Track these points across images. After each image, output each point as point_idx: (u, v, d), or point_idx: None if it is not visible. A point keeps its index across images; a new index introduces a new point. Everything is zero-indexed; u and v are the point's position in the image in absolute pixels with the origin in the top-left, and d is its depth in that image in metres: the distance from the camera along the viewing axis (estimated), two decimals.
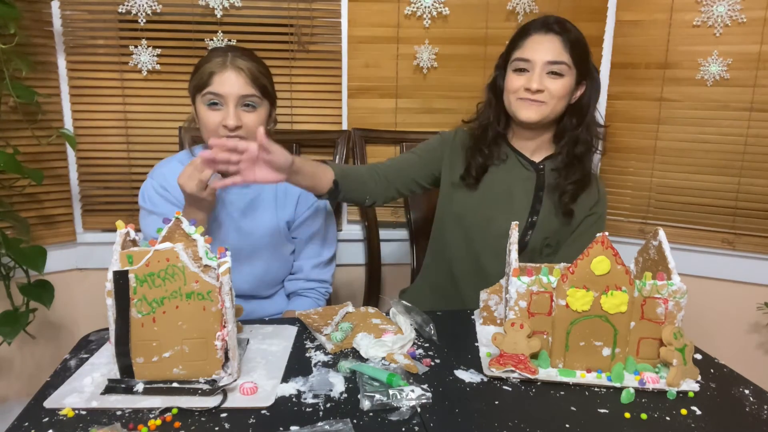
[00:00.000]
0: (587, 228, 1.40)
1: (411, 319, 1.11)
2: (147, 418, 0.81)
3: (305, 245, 1.43)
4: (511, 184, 1.41)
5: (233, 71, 1.25)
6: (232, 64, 1.25)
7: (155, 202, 1.32)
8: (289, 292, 1.45)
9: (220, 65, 1.25)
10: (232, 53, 1.27)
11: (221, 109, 1.25)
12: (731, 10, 1.78)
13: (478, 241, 1.41)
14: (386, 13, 1.86)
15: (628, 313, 0.92)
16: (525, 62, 1.34)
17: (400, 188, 1.43)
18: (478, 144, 1.42)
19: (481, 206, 1.40)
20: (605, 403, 0.88)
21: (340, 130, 1.90)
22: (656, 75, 1.91)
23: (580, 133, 1.38)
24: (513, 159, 1.43)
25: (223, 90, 1.24)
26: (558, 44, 1.33)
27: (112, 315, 0.86)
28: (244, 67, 1.26)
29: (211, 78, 1.25)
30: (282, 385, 0.90)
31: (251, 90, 1.26)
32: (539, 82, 1.32)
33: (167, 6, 1.78)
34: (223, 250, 0.90)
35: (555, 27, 1.34)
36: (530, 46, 1.34)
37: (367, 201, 1.38)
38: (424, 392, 0.87)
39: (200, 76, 1.26)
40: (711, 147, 1.89)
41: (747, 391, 0.93)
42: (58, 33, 1.77)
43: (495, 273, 1.39)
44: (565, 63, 1.32)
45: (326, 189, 1.25)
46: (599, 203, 1.42)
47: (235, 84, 1.24)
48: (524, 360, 0.93)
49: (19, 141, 1.71)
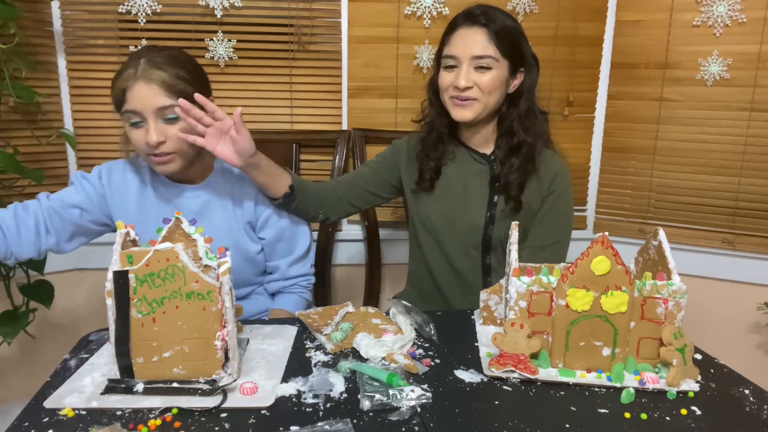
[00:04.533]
0: (549, 208, 1.37)
1: (411, 319, 1.11)
2: (147, 418, 0.81)
3: (275, 244, 1.38)
4: (466, 180, 1.39)
5: (144, 84, 1.14)
6: (143, 76, 1.14)
7: (84, 183, 1.28)
8: (271, 292, 1.43)
9: (131, 79, 1.14)
10: (145, 60, 1.16)
11: (143, 126, 1.17)
12: (731, 10, 1.79)
13: (446, 242, 1.40)
14: (386, 13, 1.86)
15: (628, 313, 0.92)
16: (452, 59, 1.30)
17: (353, 201, 1.43)
18: (426, 146, 1.40)
19: (441, 208, 1.39)
20: (605, 403, 0.88)
21: (340, 130, 1.90)
22: (656, 75, 1.91)
23: (513, 121, 1.34)
24: (464, 154, 1.41)
25: (137, 106, 1.15)
26: (483, 37, 1.28)
27: (112, 315, 0.86)
28: (155, 77, 1.14)
29: (125, 95, 1.15)
30: (282, 385, 0.90)
31: (168, 101, 1.15)
32: (466, 78, 1.28)
33: (167, 6, 1.78)
34: (223, 250, 0.90)
35: (480, 19, 1.28)
36: (455, 42, 1.31)
37: (320, 215, 1.38)
38: (424, 392, 0.87)
39: (115, 94, 1.17)
40: (711, 147, 1.89)
41: (747, 391, 0.93)
42: (58, 33, 1.77)
43: (468, 272, 1.41)
44: (490, 56, 1.27)
45: (281, 192, 1.26)
46: (557, 179, 1.37)
47: (148, 96, 1.14)
48: (524, 360, 0.93)
49: (19, 141, 1.72)
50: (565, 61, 1.95)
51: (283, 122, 1.90)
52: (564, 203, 1.39)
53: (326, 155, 1.90)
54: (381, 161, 1.47)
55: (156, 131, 1.15)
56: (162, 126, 1.17)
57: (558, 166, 1.38)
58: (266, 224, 1.36)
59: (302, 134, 1.90)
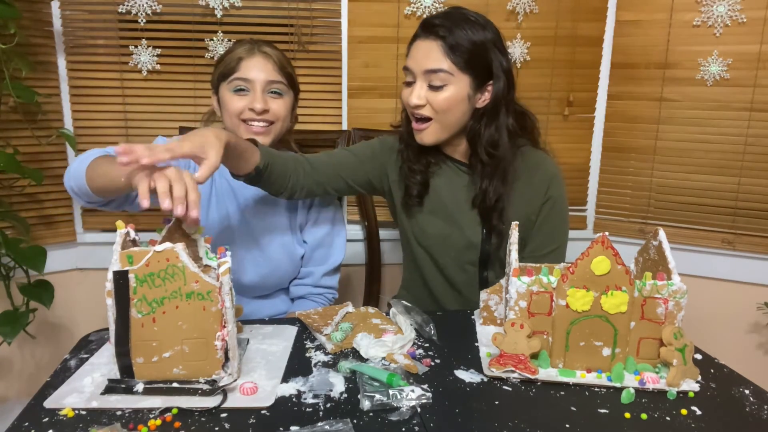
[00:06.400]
0: (547, 215, 1.33)
1: (411, 319, 1.11)
2: (147, 418, 0.81)
3: (314, 250, 1.42)
4: (455, 193, 1.32)
5: (261, 57, 1.28)
6: (260, 51, 1.28)
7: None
8: (295, 296, 1.44)
9: (248, 51, 1.28)
10: (258, 43, 1.31)
11: (248, 95, 1.27)
12: (731, 10, 1.79)
13: (441, 256, 1.35)
14: (386, 13, 1.86)
15: (628, 313, 0.92)
16: (409, 72, 1.22)
17: (326, 184, 1.31)
18: (407, 161, 1.31)
19: (434, 226, 1.33)
20: (605, 403, 0.88)
21: (340, 130, 1.90)
22: (656, 75, 1.91)
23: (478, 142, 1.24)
24: (450, 166, 1.33)
25: (251, 75, 1.27)
26: (438, 50, 1.17)
27: (112, 315, 0.86)
28: (272, 53, 1.29)
29: (239, 64, 1.27)
30: (282, 385, 0.90)
31: (278, 77, 1.29)
32: (418, 95, 1.19)
33: (167, 6, 1.78)
34: (223, 250, 0.90)
35: (438, 30, 1.17)
36: (412, 53, 1.22)
37: (283, 194, 1.25)
38: (424, 392, 0.87)
39: (227, 63, 1.28)
40: (711, 147, 1.89)
41: (747, 391, 0.93)
42: (58, 33, 1.77)
43: (462, 283, 1.37)
44: (444, 71, 1.17)
45: (246, 172, 1.13)
46: (552, 185, 1.32)
47: (263, 69, 1.27)
48: (524, 360, 0.93)
49: (19, 141, 1.71)
50: (565, 61, 1.95)
51: None
52: (560, 208, 1.36)
53: None
54: (368, 156, 1.36)
55: (263, 100, 1.27)
56: (267, 97, 1.28)
57: (552, 170, 1.34)
58: (312, 229, 1.40)
59: (302, 134, 1.89)
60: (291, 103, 1.34)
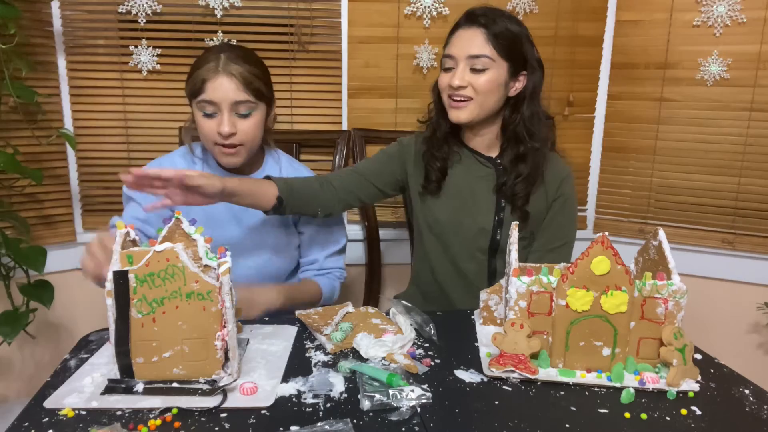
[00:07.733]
0: (557, 212, 1.38)
1: (411, 319, 1.11)
2: (147, 418, 0.81)
3: (314, 237, 1.43)
4: (473, 184, 1.38)
5: (225, 77, 1.23)
6: (224, 70, 1.23)
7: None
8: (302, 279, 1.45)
9: (213, 71, 1.23)
10: (225, 56, 1.25)
11: (215, 117, 1.25)
12: (731, 10, 1.79)
13: (452, 245, 1.40)
14: (386, 13, 1.86)
15: (628, 313, 0.92)
16: (450, 59, 1.31)
17: (361, 196, 1.41)
18: (431, 148, 1.39)
19: (447, 212, 1.38)
20: (605, 403, 0.88)
21: (340, 130, 1.90)
22: (656, 75, 1.91)
23: (517, 126, 1.32)
24: (469, 157, 1.40)
25: (216, 97, 1.23)
26: (481, 37, 1.27)
27: (112, 315, 0.86)
28: (236, 72, 1.23)
29: (204, 85, 1.23)
30: (282, 385, 0.90)
31: (245, 95, 1.24)
32: (461, 78, 1.28)
33: (167, 6, 1.78)
34: (223, 250, 0.90)
35: (480, 19, 1.28)
36: (454, 42, 1.31)
37: (320, 213, 1.34)
38: (424, 392, 0.87)
39: (193, 83, 1.25)
40: (711, 147, 1.89)
41: (747, 391, 0.93)
42: (58, 33, 1.77)
43: (473, 275, 1.40)
44: (486, 56, 1.27)
45: (270, 205, 1.24)
46: (564, 183, 1.38)
47: (228, 90, 1.23)
48: (524, 360, 0.93)
49: (19, 141, 1.71)
50: (565, 61, 1.95)
51: (283, 122, 1.90)
52: (570, 206, 1.40)
53: (326, 155, 1.90)
54: (388, 158, 1.44)
55: (229, 122, 1.24)
56: (234, 118, 1.25)
57: (564, 170, 1.40)
58: (308, 219, 1.40)
59: (302, 134, 1.90)
60: (262, 118, 1.31)
